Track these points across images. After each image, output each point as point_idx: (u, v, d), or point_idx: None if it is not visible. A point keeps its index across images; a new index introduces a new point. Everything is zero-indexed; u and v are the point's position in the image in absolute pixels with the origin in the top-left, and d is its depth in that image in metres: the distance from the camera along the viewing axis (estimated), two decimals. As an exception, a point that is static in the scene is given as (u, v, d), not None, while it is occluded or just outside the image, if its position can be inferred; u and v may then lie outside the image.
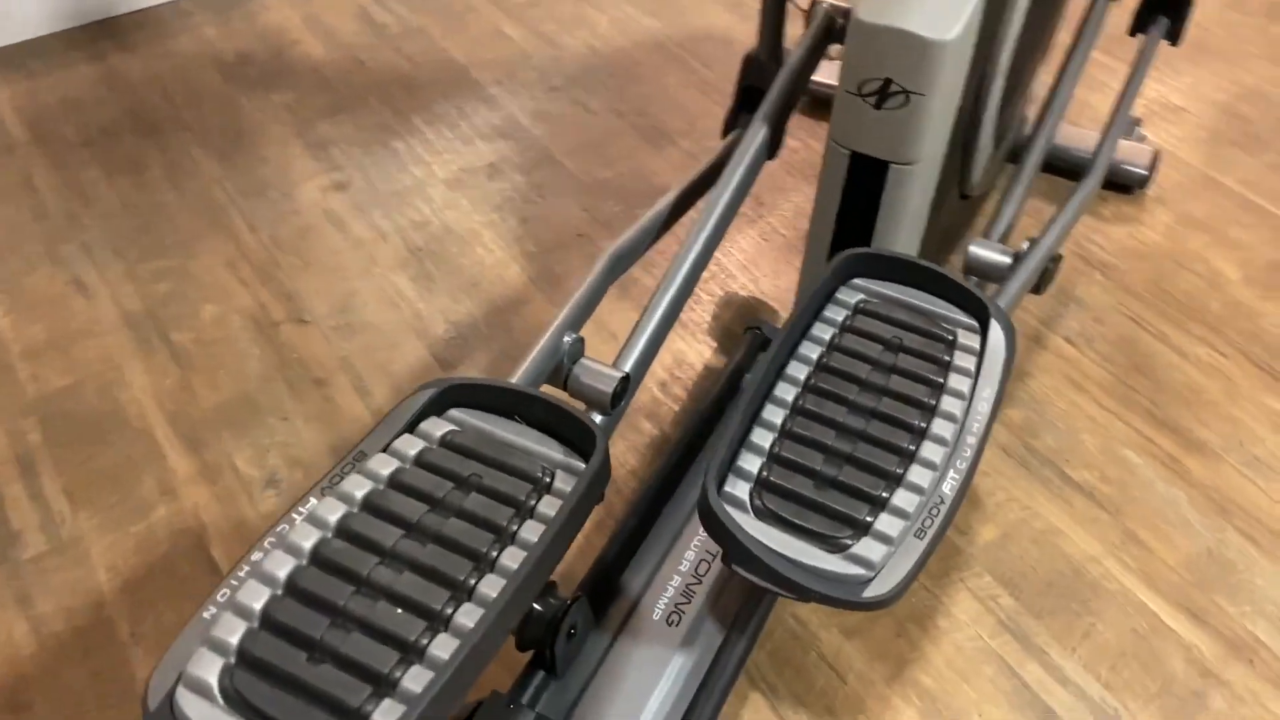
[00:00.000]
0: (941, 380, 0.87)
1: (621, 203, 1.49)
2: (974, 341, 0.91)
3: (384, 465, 0.72)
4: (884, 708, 0.96)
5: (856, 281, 0.95)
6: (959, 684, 0.98)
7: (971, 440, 0.84)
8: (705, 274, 1.38)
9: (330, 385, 1.23)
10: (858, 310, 0.93)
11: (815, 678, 0.98)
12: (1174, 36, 1.46)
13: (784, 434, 0.84)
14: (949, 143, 1.06)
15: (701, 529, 0.98)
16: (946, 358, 0.89)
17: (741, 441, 0.83)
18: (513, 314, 1.32)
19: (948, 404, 0.86)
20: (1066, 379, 1.24)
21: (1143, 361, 1.27)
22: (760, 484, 0.81)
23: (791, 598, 0.93)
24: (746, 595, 0.94)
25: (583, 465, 0.74)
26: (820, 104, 1.59)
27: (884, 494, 0.80)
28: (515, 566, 0.66)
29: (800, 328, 0.91)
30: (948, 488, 0.81)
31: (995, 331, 0.91)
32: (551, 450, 0.75)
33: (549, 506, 0.70)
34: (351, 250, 1.41)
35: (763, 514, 0.80)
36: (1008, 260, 1.07)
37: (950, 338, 0.91)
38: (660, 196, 1.11)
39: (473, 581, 0.65)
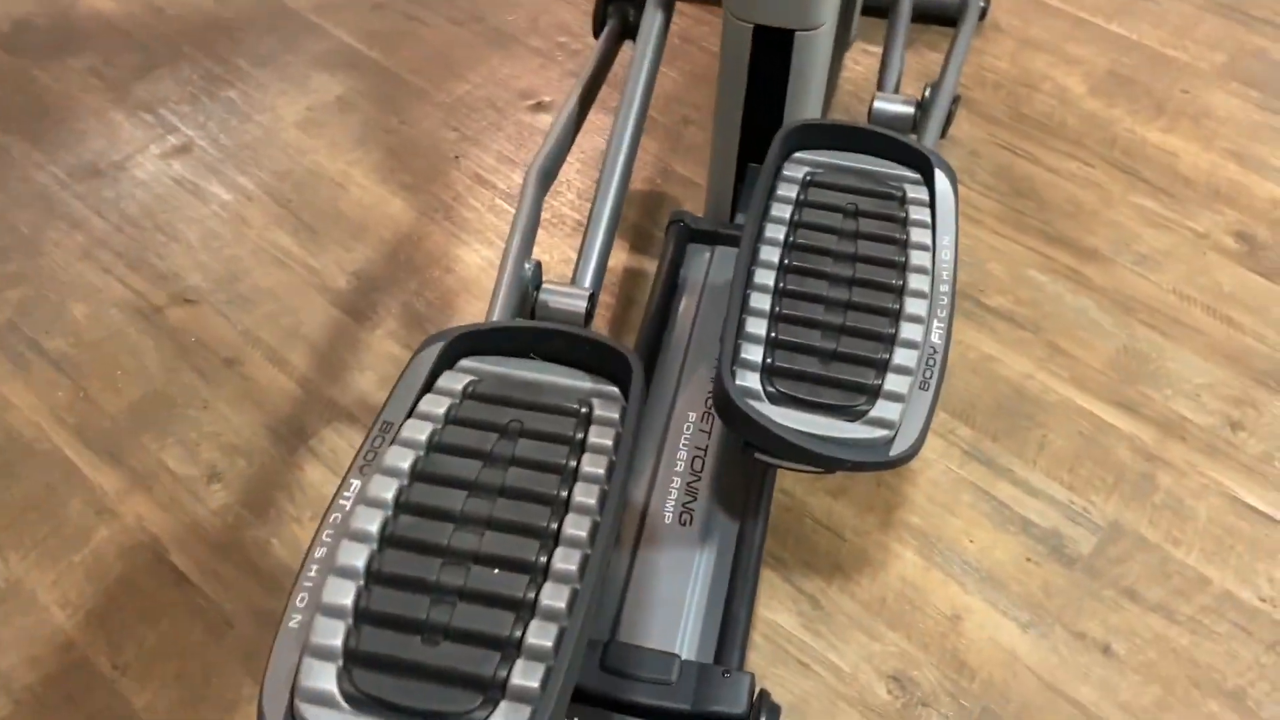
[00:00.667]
0: (904, 237, 0.90)
1: (488, 114, 1.43)
2: (923, 194, 0.94)
3: (418, 430, 0.68)
4: (885, 554, 1.01)
5: (798, 155, 0.96)
6: (944, 516, 1.04)
7: (945, 288, 0.87)
8: (590, 179, 1.36)
9: (243, 362, 1.15)
10: (807, 184, 0.94)
11: (816, 542, 1.02)
12: None
13: (776, 318, 0.85)
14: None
15: (685, 428, 0.99)
16: (902, 214, 0.92)
17: (739, 333, 0.83)
18: (413, 250, 1.26)
19: (916, 258, 0.88)
20: (962, 215, 1.30)
21: (1023, 185, 1.34)
22: (768, 371, 0.82)
23: (820, 472, 0.96)
24: (749, 478, 0.96)
25: (613, 389, 0.73)
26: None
27: (884, 355, 0.83)
28: (592, 501, 0.65)
29: (759, 211, 0.91)
30: (936, 337, 0.84)
31: (940, 180, 0.94)
32: (578, 381, 0.73)
33: (599, 435, 0.69)
34: (217, 216, 1.30)
35: (778, 398, 0.81)
36: (911, 110, 1.10)
37: (900, 194, 0.93)
38: (527, 100, 1.09)
39: (555, 525, 0.64)
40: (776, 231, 0.90)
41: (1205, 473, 1.07)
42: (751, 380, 0.81)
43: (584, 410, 0.71)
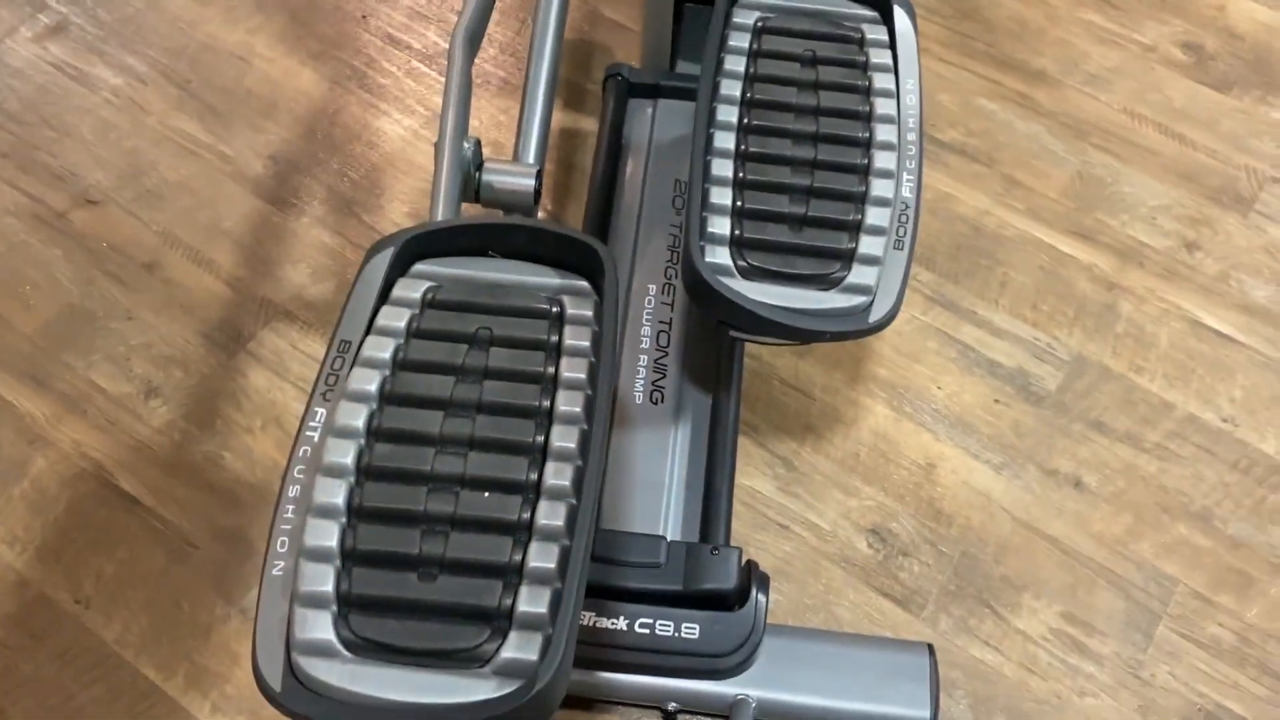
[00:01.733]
0: (867, 83, 0.85)
1: (392, -32, 1.31)
2: (881, 33, 0.88)
3: (380, 348, 0.64)
4: (855, 410, 1.00)
5: (746, 0, 0.89)
6: (911, 365, 1.03)
7: (912, 137, 0.83)
8: (512, 30, 1.26)
9: (163, 266, 1.07)
10: (759, 31, 0.88)
11: (786, 404, 1.00)
12: None
13: (740, 185, 0.80)
14: None
15: (647, 302, 0.95)
16: (862, 58, 0.87)
17: (703, 205, 0.79)
18: (332, 125, 1.17)
19: (881, 106, 0.84)
20: (907, 44, 1.24)
21: (967, 7, 1.28)
22: (737, 243, 0.78)
23: (798, 343, 0.93)
24: (719, 348, 0.93)
25: (582, 282, 0.68)
26: None
27: (856, 216, 0.79)
28: (577, 409, 0.61)
29: (712, 65, 0.85)
30: (908, 190, 0.81)
31: (900, 17, 0.88)
32: (545, 277, 0.69)
33: (576, 336, 0.65)
34: (109, 104, 1.19)
35: (750, 273, 0.77)
36: None
37: (859, 36, 0.88)
38: None
39: (541, 439, 0.61)
40: (732, 88, 0.84)
41: (1165, 297, 1.07)
42: (721, 255, 0.77)
43: (555, 310, 0.66)
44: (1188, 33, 1.26)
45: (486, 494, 0.58)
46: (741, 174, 0.80)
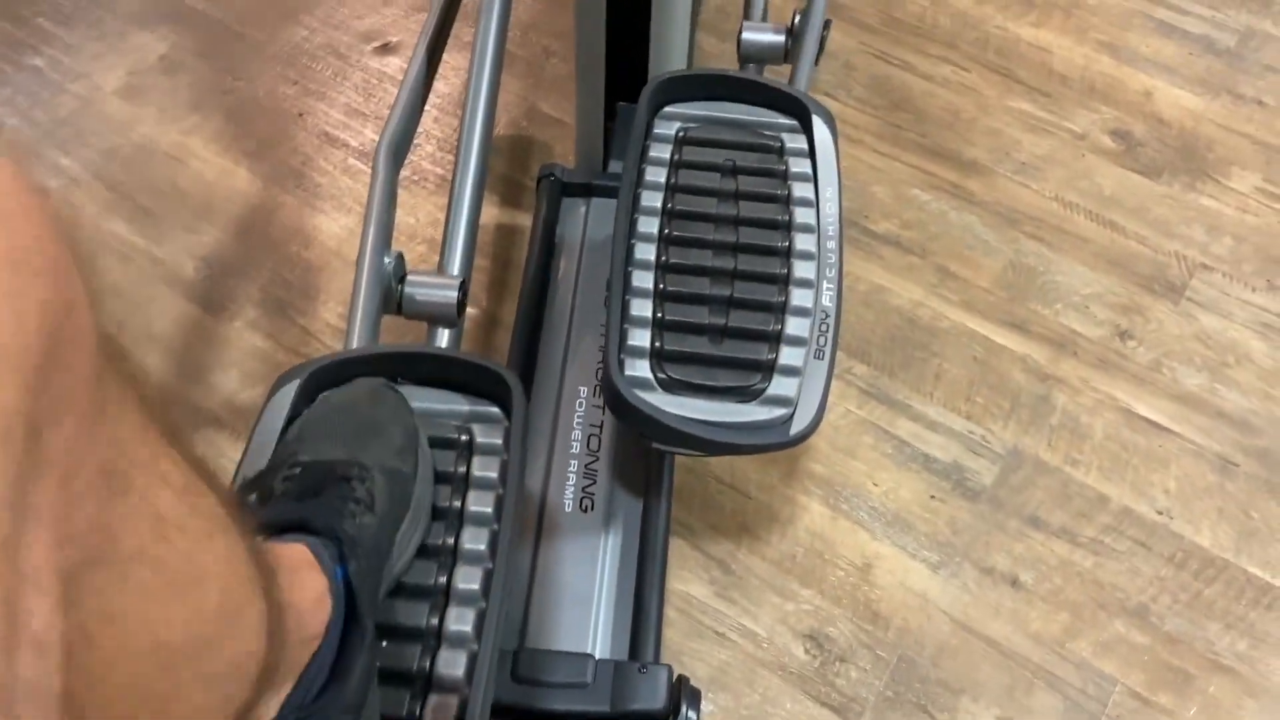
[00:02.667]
0: (786, 192, 0.86)
1: (330, 62, 1.32)
2: (801, 143, 0.89)
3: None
4: (792, 508, 1.00)
5: (668, 110, 0.90)
6: (847, 461, 1.02)
7: (832, 245, 0.84)
8: (450, 127, 1.27)
9: (91, 372, 1.06)
10: (680, 141, 0.88)
11: (722, 503, 1.00)
12: None
13: (661, 296, 0.81)
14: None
15: (578, 405, 0.95)
16: (781, 167, 0.87)
17: (624, 317, 0.79)
18: (266, 225, 1.17)
19: (800, 215, 0.85)
20: (842, 135, 1.25)
21: (899, 97, 1.30)
22: (657, 356, 0.78)
23: (721, 455, 0.93)
24: (649, 452, 0.93)
25: (493, 408, 0.68)
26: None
27: (775, 326, 0.80)
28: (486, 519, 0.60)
29: (633, 176, 0.86)
30: (827, 299, 0.81)
31: (818, 127, 0.89)
32: (454, 404, 0.68)
33: (484, 467, 0.64)
34: (40, 206, 1.18)
35: (670, 385, 0.77)
36: (781, 39, 1.04)
37: (778, 145, 0.89)
38: (372, 42, 1.01)
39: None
40: (653, 199, 0.85)
41: (1098, 388, 1.07)
42: (641, 369, 0.77)
43: (464, 438, 0.66)
44: (1117, 120, 1.28)
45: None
46: (662, 285, 0.81)
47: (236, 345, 1.08)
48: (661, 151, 0.88)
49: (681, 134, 0.89)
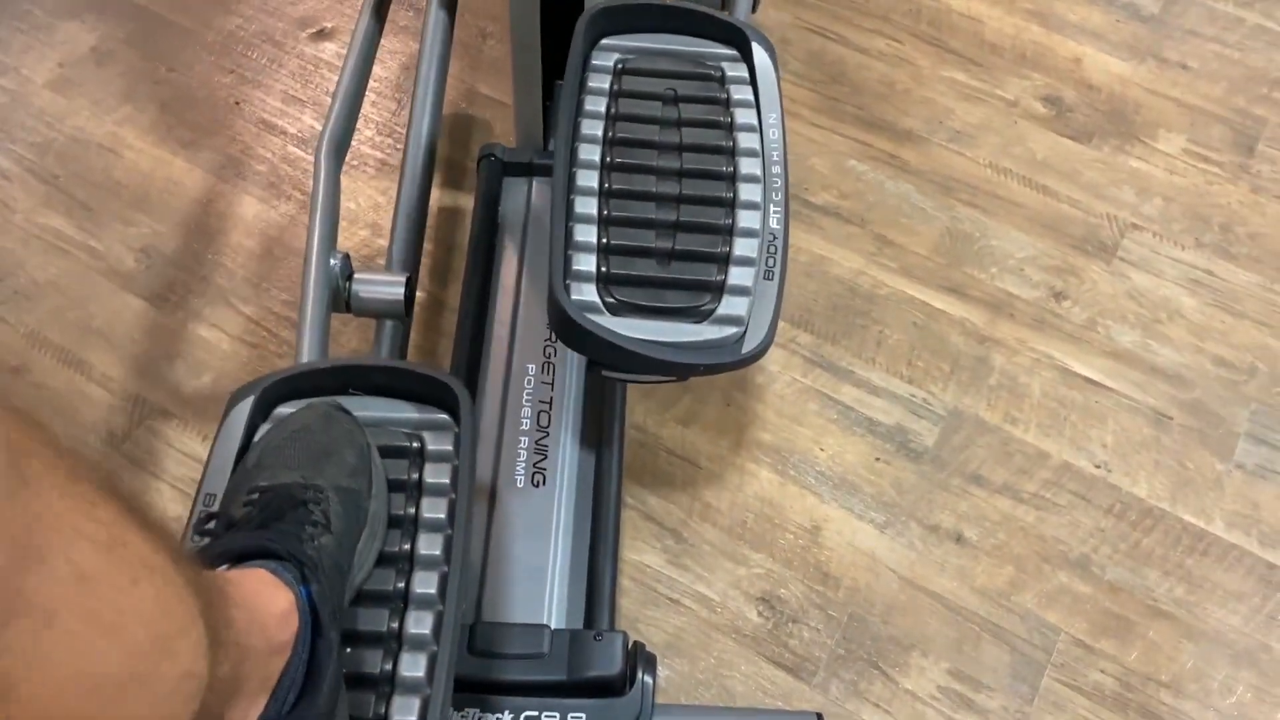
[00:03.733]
0: (729, 119, 0.87)
1: (266, 49, 1.31)
2: (742, 71, 0.90)
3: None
4: (740, 475, 1.01)
5: (605, 42, 0.91)
6: (793, 428, 1.04)
7: (777, 170, 0.85)
8: (389, 110, 1.27)
9: (31, 369, 1.05)
10: (620, 72, 0.89)
11: (673, 473, 1.01)
12: None
13: (605, 221, 0.81)
14: None
15: (526, 383, 0.95)
16: (723, 95, 0.88)
17: (567, 243, 0.79)
18: (206, 215, 1.16)
19: (744, 140, 0.86)
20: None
21: (835, 70, 1.31)
22: (604, 280, 0.78)
23: (673, 380, 0.93)
24: (600, 424, 0.93)
25: (442, 415, 0.70)
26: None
27: (723, 249, 0.80)
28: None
29: (571, 107, 0.86)
30: (775, 222, 0.82)
31: (759, 54, 0.91)
32: (404, 413, 0.69)
33: (435, 474, 0.64)
34: (-27, 202, 1.16)
35: (619, 309, 0.78)
36: None
37: (719, 73, 0.90)
38: (307, 28, 1.05)
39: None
40: (594, 128, 0.85)
41: (1035, 347, 1.10)
42: (588, 292, 0.78)
43: (416, 445, 0.67)
44: (1048, 86, 1.31)
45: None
46: (606, 211, 0.81)
47: (181, 336, 1.07)
48: (600, 82, 0.88)
49: (620, 65, 0.89)
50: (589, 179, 0.82)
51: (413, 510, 0.64)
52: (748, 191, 0.82)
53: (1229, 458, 1.03)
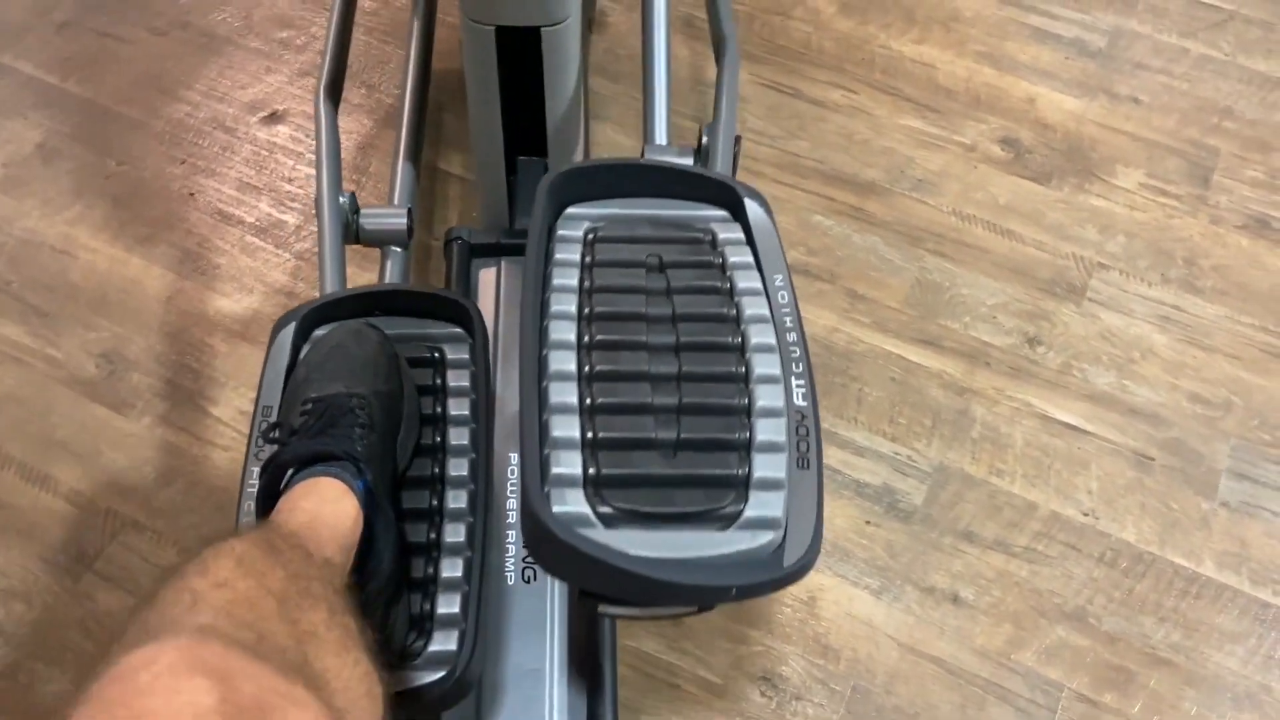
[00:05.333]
0: (728, 284, 0.76)
1: (217, 136, 1.28)
2: (735, 231, 0.80)
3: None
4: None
5: (571, 211, 0.81)
6: (781, 496, 1.03)
7: (794, 336, 0.74)
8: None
9: (-5, 487, 1.01)
10: (592, 241, 0.79)
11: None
12: None
13: (590, 410, 0.68)
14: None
15: (510, 473, 0.93)
16: (717, 259, 0.78)
17: (543, 441, 0.66)
18: (167, 314, 1.13)
19: (750, 306, 0.75)
20: (741, 168, 1.27)
21: (794, 124, 1.31)
22: (594, 483, 0.64)
23: (695, 612, 0.81)
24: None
25: (457, 329, 0.85)
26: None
27: (742, 434, 0.67)
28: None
29: (536, 283, 0.74)
30: (800, 397, 0.70)
31: (753, 209, 0.81)
32: (425, 329, 0.84)
33: (457, 378, 0.81)
34: (-78, 315, 1.13)
35: (616, 519, 0.63)
36: (689, 161, 0.94)
37: (709, 236, 0.80)
38: (258, 112, 1.22)
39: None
40: (566, 303, 0.73)
41: (1014, 396, 1.10)
42: (574, 501, 0.63)
43: (437, 356, 0.81)
44: (1004, 128, 1.31)
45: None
46: (590, 399, 0.67)
47: (147, 442, 1.04)
48: (569, 254, 0.77)
49: (591, 235, 0.79)
50: (565, 361, 0.69)
51: (440, 409, 0.77)
52: (763, 363, 0.70)
53: (1213, 496, 1.04)
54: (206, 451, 1.04)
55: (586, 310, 0.73)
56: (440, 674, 0.67)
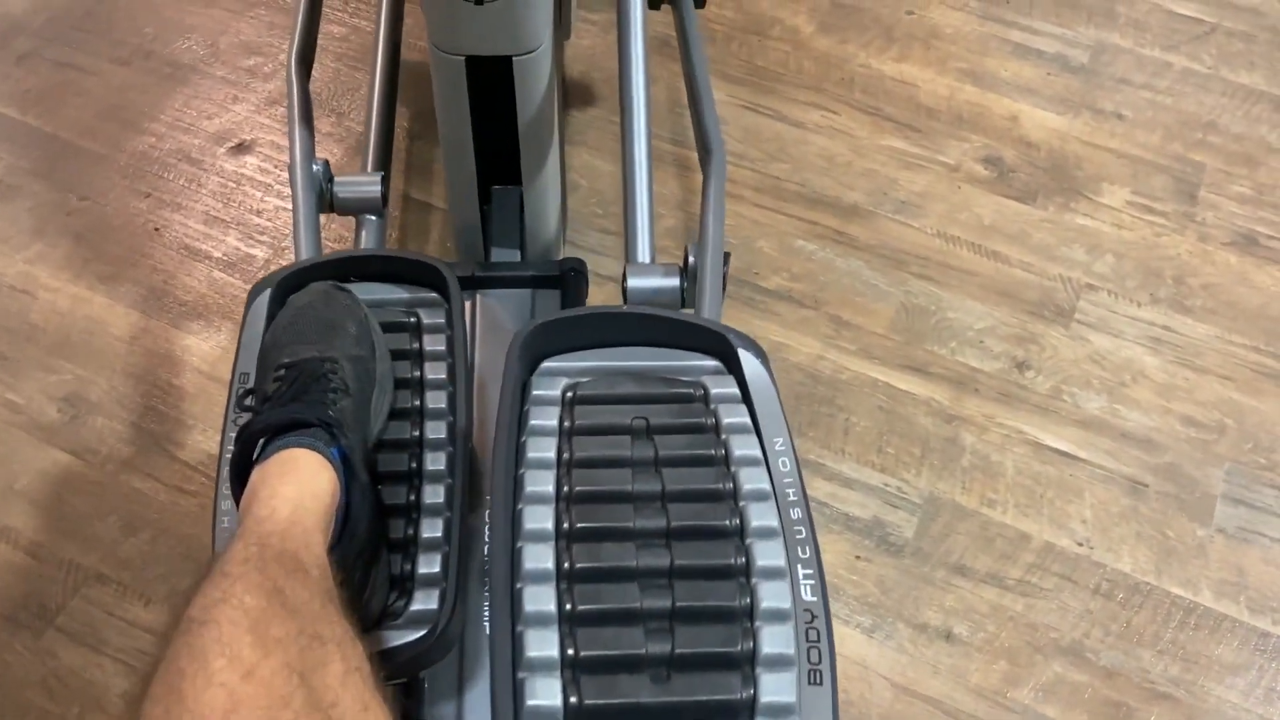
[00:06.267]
0: (723, 450, 0.68)
1: (182, 168, 1.25)
2: (729, 385, 0.72)
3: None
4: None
5: (547, 365, 0.74)
6: (768, 532, 1.00)
7: (798, 512, 0.65)
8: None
9: (-47, 541, 0.98)
10: (571, 401, 0.71)
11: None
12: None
13: (570, 619, 0.60)
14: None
15: (486, 534, 0.88)
16: (710, 420, 0.70)
17: (516, 661, 0.58)
18: (131, 354, 1.10)
19: (747, 479, 0.66)
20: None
21: (774, 146, 1.29)
22: (573, 716, 0.57)
23: None
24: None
25: (432, 294, 0.83)
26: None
27: (745, 645, 0.59)
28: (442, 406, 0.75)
29: (508, 456, 0.67)
30: (809, 592, 0.62)
31: (749, 362, 0.73)
32: (399, 294, 0.81)
33: (433, 343, 0.79)
34: (-123, 361, 1.09)
35: None
36: (675, 282, 0.86)
37: (700, 391, 0.72)
38: (225, 143, 1.19)
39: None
40: (542, 481, 0.65)
41: (1004, 423, 1.08)
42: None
43: (413, 320, 0.80)
44: (987, 147, 1.29)
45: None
46: (571, 604, 0.59)
47: (113, 490, 1.01)
48: (546, 419, 0.69)
49: (570, 394, 0.71)
50: (541, 557, 0.61)
51: (418, 374, 0.76)
52: (765, 553, 0.62)
53: (1209, 522, 1.02)
54: (174, 498, 1.00)
55: (565, 488, 0.65)
56: (422, 632, 0.66)
